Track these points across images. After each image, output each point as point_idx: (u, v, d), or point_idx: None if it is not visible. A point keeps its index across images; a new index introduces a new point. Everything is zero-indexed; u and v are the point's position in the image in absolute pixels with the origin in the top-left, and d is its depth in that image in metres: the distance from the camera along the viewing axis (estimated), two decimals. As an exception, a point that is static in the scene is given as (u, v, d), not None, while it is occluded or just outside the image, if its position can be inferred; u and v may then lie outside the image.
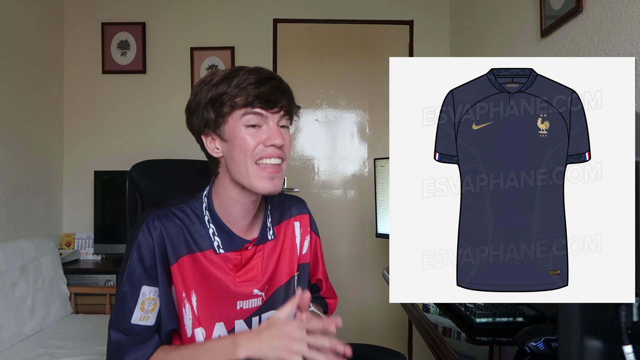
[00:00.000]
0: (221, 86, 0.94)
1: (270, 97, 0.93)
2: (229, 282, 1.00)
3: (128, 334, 0.96)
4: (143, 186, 1.39)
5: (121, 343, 0.96)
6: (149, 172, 1.43)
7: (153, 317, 0.97)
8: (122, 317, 0.96)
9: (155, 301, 0.97)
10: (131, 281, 0.96)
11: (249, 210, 1.02)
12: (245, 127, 0.94)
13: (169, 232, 0.97)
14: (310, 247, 1.16)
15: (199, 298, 0.99)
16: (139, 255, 0.96)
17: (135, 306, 0.96)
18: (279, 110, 0.95)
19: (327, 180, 2.99)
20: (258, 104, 0.93)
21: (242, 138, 0.94)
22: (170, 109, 2.92)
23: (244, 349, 0.88)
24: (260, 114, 0.94)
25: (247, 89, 0.92)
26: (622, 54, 1.36)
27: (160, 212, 1.00)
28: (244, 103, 0.93)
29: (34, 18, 2.61)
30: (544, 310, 1.02)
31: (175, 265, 0.97)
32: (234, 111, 0.94)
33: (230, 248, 1.01)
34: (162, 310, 0.98)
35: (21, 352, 1.87)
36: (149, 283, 0.97)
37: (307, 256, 1.15)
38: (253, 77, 0.93)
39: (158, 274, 0.97)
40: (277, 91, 0.94)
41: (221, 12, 2.94)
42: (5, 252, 2.04)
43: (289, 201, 1.15)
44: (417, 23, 2.97)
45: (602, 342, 0.67)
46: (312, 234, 1.17)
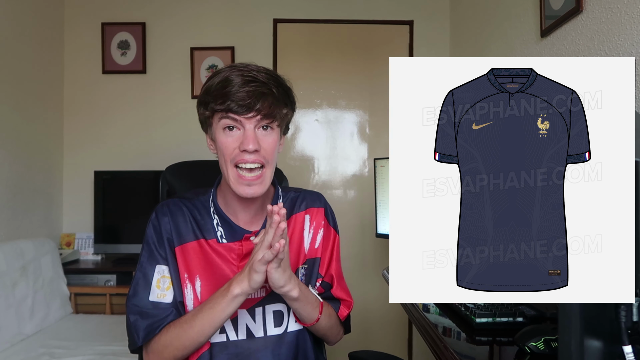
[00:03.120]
0: (211, 80, 0.99)
1: (244, 101, 0.94)
2: (230, 271, 1.04)
3: (146, 309, 1.01)
4: (177, 187, 1.44)
5: (138, 317, 1.01)
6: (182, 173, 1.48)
7: (170, 295, 1.03)
8: (140, 294, 1.02)
9: (170, 279, 1.04)
10: (146, 260, 1.04)
11: (248, 204, 1.06)
12: (223, 129, 0.99)
13: (176, 218, 1.06)
14: (324, 242, 1.13)
15: (204, 283, 1.03)
16: (151, 238, 1.05)
17: (152, 285, 1.03)
18: (255, 115, 0.96)
19: (327, 180, 2.99)
20: (233, 108, 0.95)
21: (221, 141, 0.99)
22: (170, 109, 2.92)
23: (236, 285, 0.95)
24: (235, 119, 0.97)
25: (227, 93, 0.95)
26: (622, 54, 1.36)
27: (171, 201, 1.09)
28: (221, 108, 0.96)
29: (34, 18, 2.61)
30: (544, 310, 1.02)
31: (179, 247, 1.04)
32: (214, 114, 0.99)
33: (232, 238, 1.05)
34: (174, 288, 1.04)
35: (21, 352, 1.87)
36: (162, 262, 1.04)
37: (318, 250, 1.12)
38: (238, 79, 0.96)
39: (167, 255, 1.04)
40: (254, 95, 0.95)
41: (221, 12, 2.94)
42: (5, 252, 2.04)
43: (303, 195, 1.16)
44: (417, 23, 2.97)
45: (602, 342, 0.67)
46: (328, 228, 1.15)
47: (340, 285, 1.16)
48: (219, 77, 0.98)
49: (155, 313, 1.00)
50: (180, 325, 0.99)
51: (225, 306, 0.95)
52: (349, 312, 1.16)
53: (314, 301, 1.05)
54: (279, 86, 1.00)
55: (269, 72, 1.00)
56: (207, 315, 0.96)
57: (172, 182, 1.43)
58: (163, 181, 1.44)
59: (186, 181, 1.45)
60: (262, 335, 1.04)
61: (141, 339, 0.99)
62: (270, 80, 0.99)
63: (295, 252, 1.09)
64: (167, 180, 1.44)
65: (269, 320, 1.05)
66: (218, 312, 0.96)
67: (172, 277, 1.04)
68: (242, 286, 0.94)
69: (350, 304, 1.17)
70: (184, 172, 1.48)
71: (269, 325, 1.05)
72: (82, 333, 2.11)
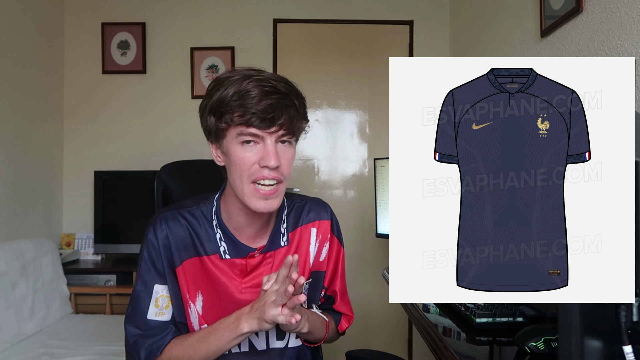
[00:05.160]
0: (226, 91, 0.90)
1: (267, 115, 0.87)
2: (233, 288, 1.01)
3: (144, 329, 0.99)
4: (172, 186, 1.42)
5: (138, 337, 0.99)
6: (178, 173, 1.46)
7: (168, 313, 1.02)
8: (138, 313, 1.00)
9: (169, 298, 1.02)
10: (144, 280, 1.01)
11: (255, 219, 1.01)
12: (241, 144, 0.91)
13: (174, 235, 1.00)
14: (329, 255, 1.11)
15: (205, 299, 1.01)
16: (149, 256, 1.00)
17: (150, 303, 1.00)
18: (277, 130, 0.90)
19: (327, 181, 2.99)
20: (254, 122, 0.88)
21: (238, 156, 0.91)
22: (170, 109, 2.92)
23: (245, 323, 0.94)
24: (256, 134, 0.89)
25: (246, 104, 0.87)
26: (622, 54, 1.36)
27: (169, 214, 1.02)
28: (240, 121, 0.89)
29: (34, 18, 2.61)
30: (544, 310, 1.02)
31: (180, 267, 1.00)
32: (230, 127, 0.91)
33: (235, 254, 1.01)
34: (174, 307, 1.02)
35: (21, 352, 1.87)
36: (161, 282, 1.01)
37: (323, 264, 1.10)
38: (256, 90, 0.88)
39: (166, 274, 1.01)
40: (277, 107, 0.88)
41: (221, 12, 2.94)
42: (5, 252, 2.04)
43: (309, 205, 1.10)
44: (417, 23, 2.97)
45: (602, 342, 0.67)
46: (334, 241, 1.12)
47: (343, 300, 1.16)
48: (234, 87, 0.89)
49: (154, 333, 0.99)
50: (184, 348, 0.98)
51: (232, 340, 0.96)
52: (348, 326, 1.17)
53: (320, 324, 1.06)
54: (298, 97, 0.94)
55: (287, 82, 0.94)
56: (213, 345, 0.96)
57: (167, 181, 1.42)
58: (158, 181, 1.42)
59: (181, 181, 1.43)
60: (265, 349, 1.04)
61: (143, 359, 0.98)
62: (292, 92, 0.92)
63: (300, 266, 1.05)
64: (162, 180, 1.42)
65: (272, 334, 1.04)
66: (224, 344, 0.96)
67: (172, 297, 1.01)
68: (251, 325, 0.93)
69: (351, 319, 1.17)
70: (180, 172, 1.46)
71: (272, 339, 1.04)
72: (82, 333, 2.11)
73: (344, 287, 1.16)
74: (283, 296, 0.87)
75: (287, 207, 1.08)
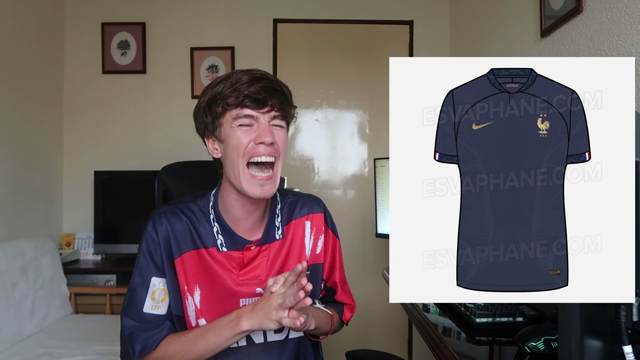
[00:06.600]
0: (217, 87, 0.99)
1: (259, 95, 0.96)
2: (230, 280, 1.03)
3: (140, 321, 1.00)
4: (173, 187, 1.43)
5: (133, 330, 1.00)
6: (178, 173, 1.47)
7: (164, 307, 1.03)
8: (135, 306, 1.01)
9: (166, 292, 1.03)
10: (141, 273, 1.02)
11: (251, 211, 1.04)
12: (238, 126, 0.97)
13: (174, 228, 1.03)
14: (325, 248, 1.14)
15: (203, 292, 1.03)
16: (147, 249, 1.03)
17: (146, 296, 1.02)
18: (269, 110, 0.98)
19: (327, 180, 2.99)
20: (248, 104, 0.96)
21: (235, 136, 0.98)
22: (170, 109, 2.92)
23: (246, 321, 0.95)
24: (250, 115, 0.97)
25: (238, 89, 0.96)
26: (622, 54, 1.36)
27: (168, 208, 1.06)
28: (235, 103, 0.96)
29: (34, 18, 2.61)
30: (544, 310, 1.02)
31: (178, 259, 1.02)
32: (226, 112, 0.98)
33: (232, 247, 1.04)
34: (171, 300, 1.03)
35: (21, 352, 1.87)
36: (158, 274, 1.03)
37: (320, 256, 1.13)
38: (246, 77, 0.97)
39: (164, 267, 1.02)
40: (267, 90, 0.97)
41: (221, 12, 2.94)
42: (5, 252, 2.04)
43: (302, 200, 1.15)
44: (417, 23, 2.97)
45: (602, 342, 0.67)
46: (329, 233, 1.15)
47: (344, 290, 1.19)
48: (226, 80, 0.99)
49: (150, 327, 1.00)
50: (180, 345, 0.99)
51: (231, 337, 0.97)
52: (352, 315, 1.19)
53: (325, 319, 1.07)
54: (284, 86, 1.02)
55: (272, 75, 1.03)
56: (211, 342, 0.97)
57: (167, 182, 1.42)
58: (159, 181, 1.43)
59: (182, 181, 1.44)
60: (262, 341, 1.05)
61: (137, 353, 0.99)
62: (278, 80, 1.02)
63: (296, 259, 1.08)
64: (162, 180, 1.42)
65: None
66: (222, 342, 0.97)
67: (170, 290, 1.03)
68: (252, 324, 0.94)
69: (354, 308, 1.20)
70: (180, 173, 1.47)
71: (269, 332, 1.05)
72: (82, 333, 2.11)
73: (344, 278, 1.19)
74: (291, 300, 0.89)
75: (280, 202, 1.12)
